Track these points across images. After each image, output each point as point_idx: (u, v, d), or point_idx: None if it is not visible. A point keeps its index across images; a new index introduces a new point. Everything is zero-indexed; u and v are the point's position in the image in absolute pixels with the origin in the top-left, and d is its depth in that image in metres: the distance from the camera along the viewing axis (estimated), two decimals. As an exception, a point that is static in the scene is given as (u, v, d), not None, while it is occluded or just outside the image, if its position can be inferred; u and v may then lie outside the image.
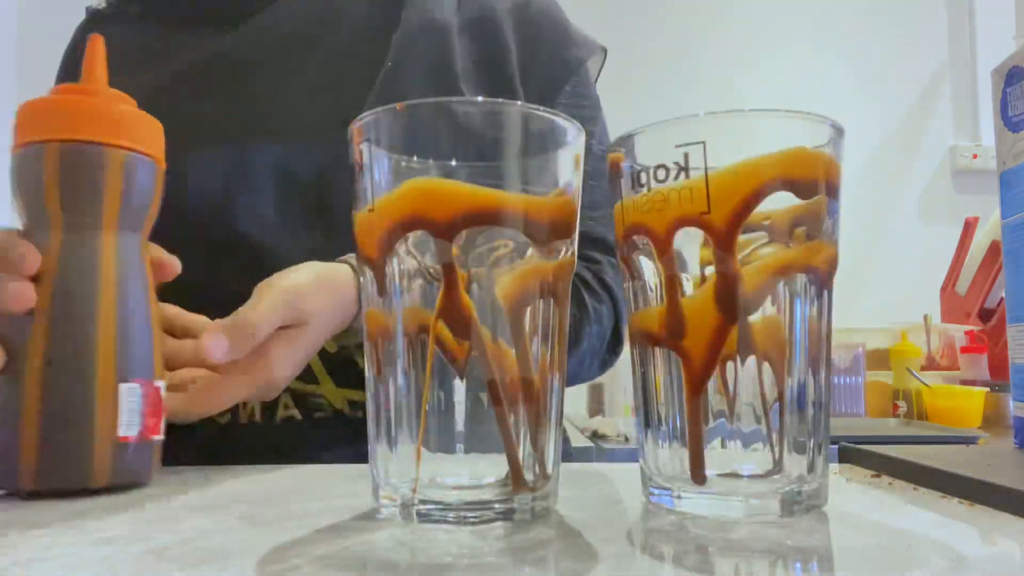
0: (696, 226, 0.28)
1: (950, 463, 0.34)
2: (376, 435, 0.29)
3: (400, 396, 0.29)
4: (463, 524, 0.27)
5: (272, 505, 0.31)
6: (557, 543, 0.25)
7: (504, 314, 0.28)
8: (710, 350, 0.28)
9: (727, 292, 0.28)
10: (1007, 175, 0.44)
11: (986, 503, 0.30)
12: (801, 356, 0.29)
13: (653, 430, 0.31)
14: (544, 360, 0.29)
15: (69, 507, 0.31)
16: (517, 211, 0.28)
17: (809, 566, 0.23)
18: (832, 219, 0.30)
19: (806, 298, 0.29)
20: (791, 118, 0.29)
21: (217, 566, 0.22)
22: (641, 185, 0.30)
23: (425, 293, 0.28)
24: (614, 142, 0.32)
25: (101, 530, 0.27)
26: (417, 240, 0.28)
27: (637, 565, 0.23)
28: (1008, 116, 0.44)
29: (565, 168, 0.30)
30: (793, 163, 0.28)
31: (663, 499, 0.30)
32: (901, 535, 0.27)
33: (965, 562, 0.23)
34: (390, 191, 0.28)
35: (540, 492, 0.29)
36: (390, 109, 0.28)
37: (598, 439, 1.12)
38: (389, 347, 0.29)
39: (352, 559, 0.23)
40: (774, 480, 0.29)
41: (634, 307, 0.32)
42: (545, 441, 0.29)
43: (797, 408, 0.29)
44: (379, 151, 0.29)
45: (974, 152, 2.02)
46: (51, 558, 0.23)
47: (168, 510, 0.31)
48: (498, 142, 0.28)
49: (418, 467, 0.28)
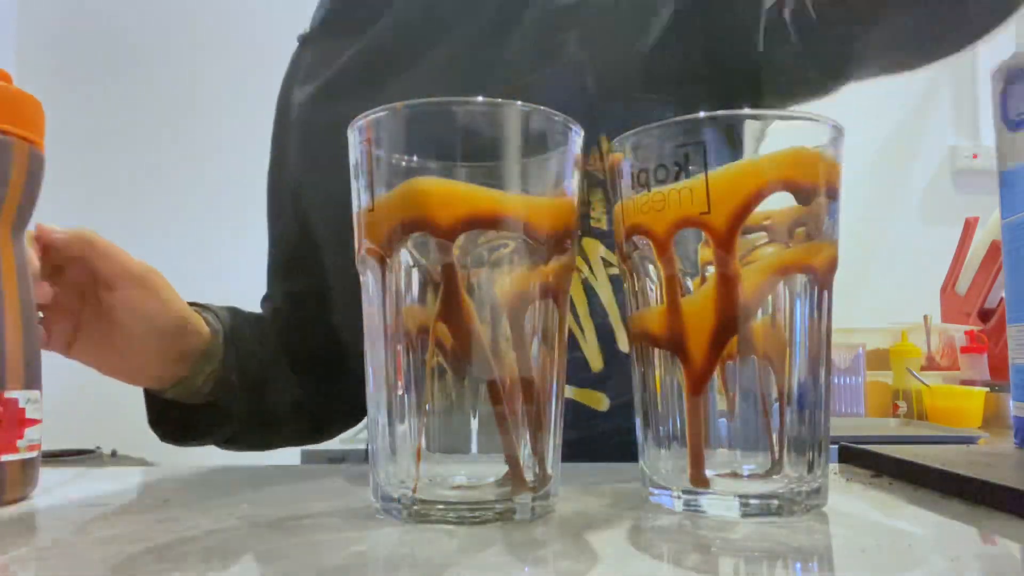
0: (696, 226, 0.28)
1: (950, 463, 0.34)
2: (376, 435, 0.29)
3: (400, 396, 0.29)
4: (463, 524, 0.27)
5: (272, 505, 0.31)
6: (557, 543, 0.25)
7: (504, 314, 0.28)
8: (710, 350, 0.28)
9: (727, 292, 0.28)
10: (1007, 175, 0.43)
11: (986, 503, 0.30)
12: (801, 356, 0.29)
13: (653, 430, 0.31)
14: (544, 360, 0.30)
15: (69, 507, 0.31)
16: (517, 212, 0.28)
17: (809, 566, 0.23)
18: (832, 219, 0.30)
19: (806, 298, 0.29)
20: (791, 118, 0.29)
21: (217, 566, 0.22)
22: (641, 185, 0.30)
23: (425, 293, 0.28)
24: (614, 142, 0.32)
25: (101, 530, 0.27)
26: (417, 240, 0.28)
27: (637, 565, 0.23)
28: (1008, 116, 0.44)
29: (565, 168, 0.30)
30: (793, 163, 0.28)
31: (663, 499, 0.30)
32: (901, 535, 0.27)
33: (965, 562, 0.23)
34: (390, 191, 0.28)
35: (540, 492, 0.29)
36: (390, 109, 0.28)
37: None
38: (389, 347, 0.29)
39: (352, 559, 0.23)
40: (774, 480, 0.29)
41: (634, 307, 0.32)
42: (545, 441, 0.29)
43: (797, 408, 0.29)
44: (379, 151, 0.29)
45: (974, 152, 2.02)
46: (51, 558, 0.23)
47: (168, 510, 0.31)
48: (498, 142, 0.28)
49: (418, 467, 0.28)
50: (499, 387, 0.28)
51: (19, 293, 0.34)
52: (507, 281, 0.29)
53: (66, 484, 0.37)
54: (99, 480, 0.38)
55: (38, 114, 0.36)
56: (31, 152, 0.35)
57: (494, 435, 0.28)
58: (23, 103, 0.35)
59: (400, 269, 0.28)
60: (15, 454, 0.33)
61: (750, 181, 0.28)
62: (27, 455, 0.34)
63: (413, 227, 0.27)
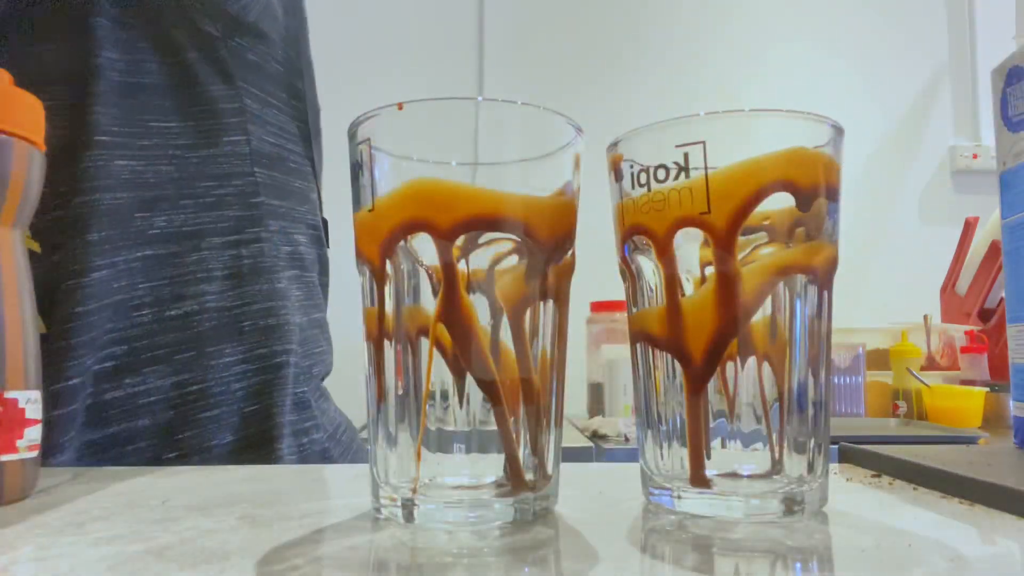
0: (696, 226, 0.28)
1: (950, 463, 0.34)
2: (376, 435, 0.29)
3: (400, 396, 0.29)
4: (463, 524, 0.27)
5: (272, 505, 0.31)
6: (557, 543, 0.25)
7: (504, 315, 0.28)
8: (710, 350, 0.28)
9: (727, 292, 0.28)
10: (1007, 175, 0.44)
11: (986, 503, 0.30)
12: (801, 356, 0.29)
13: (653, 430, 0.31)
14: (544, 360, 0.30)
15: (69, 507, 0.31)
16: (517, 212, 0.28)
17: (809, 566, 0.23)
18: (832, 219, 0.30)
19: (806, 298, 0.29)
20: (791, 118, 0.29)
21: (217, 566, 0.22)
22: (641, 185, 0.30)
23: (425, 293, 0.28)
24: (614, 142, 0.32)
25: (101, 530, 0.27)
26: (417, 240, 0.28)
27: (637, 565, 0.23)
28: (1008, 116, 0.44)
29: (565, 168, 0.30)
30: (793, 163, 0.28)
31: (663, 499, 0.30)
32: (901, 535, 0.27)
33: (965, 562, 0.23)
34: (390, 191, 0.28)
35: (540, 492, 0.29)
36: (390, 109, 0.28)
37: (598, 439, 1.12)
38: (389, 347, 0.29)
39: (352, 559, 0.23)
40: (774, 480, 0.29)
41: (634, 307, 0.32)
42: (545, 441, 0.29)
43: (797, 408, 0.29)
44: (379, 151, 0.29)
45: (974, 152, 2.01)
46: (51, 558, 0.23)
47: (168, 510, 0.31)
48: (498, 142, 0.28)
49: (418, 467, 0.28)
50: (499, 387, 0.28)
51: (19, 293, 0.34)
52: (507, 281, 0.29)
53: (66, 484, 0.37)
54: (99, 480, 0.38)
55: (38, 114, 0.36)
56: (31, 152, 0.35)
57: (494, 435, 0.28)
58: (23, 103, 0.35)
59: (400, 269, 0.28)
60: (15, 454, 0.33)
61: (750, 181, 0.28)
62: (27, 455, 0.34)
63: (413, 227, 0.27)
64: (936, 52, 2.06)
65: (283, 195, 0.58)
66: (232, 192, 0.55)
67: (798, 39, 2.01)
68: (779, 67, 1.99)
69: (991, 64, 0.46)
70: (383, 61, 1.85)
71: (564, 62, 1.91)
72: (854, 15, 2.03)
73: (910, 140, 2.04)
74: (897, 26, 2.04)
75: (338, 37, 1.81)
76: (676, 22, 1.99)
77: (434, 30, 1.90)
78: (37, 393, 0.35)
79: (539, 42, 1.92)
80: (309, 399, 0.57)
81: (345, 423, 0.63)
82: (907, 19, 2.05)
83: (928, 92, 2.05)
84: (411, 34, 1.88)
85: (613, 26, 1.95)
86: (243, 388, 0.53)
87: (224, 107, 0.55)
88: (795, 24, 2.02)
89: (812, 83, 1.98)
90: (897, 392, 1.39)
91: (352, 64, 1.80)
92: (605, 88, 1.89)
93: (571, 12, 1.95)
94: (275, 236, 0.57)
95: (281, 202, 0.58)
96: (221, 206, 0.54)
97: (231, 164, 0.55)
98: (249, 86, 0.56)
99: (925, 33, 2.06)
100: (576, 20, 1.95)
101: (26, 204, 0.35)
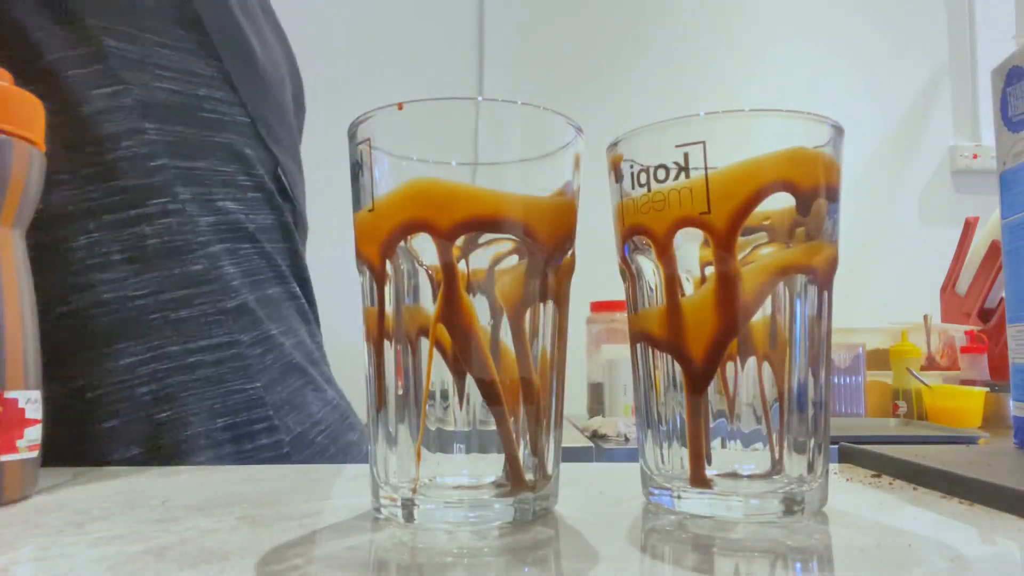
0: (696, 226, 0.28)
1: (950, 463, 0.34)
2: (376, 435, 0.29)
3: (400, 396, 0.29)
4: (463, 524, 0.27)
5: (272, 505, 0.31)
6: (557, 543, 0.25)
7: (504, 315, 0.28)
8: (710, 350, 0.28)
9: (727, 292, 0.28)
10: (1007, 175, 0.44)
11: (986, 503, 0.30)
12: (801, 356, 0.29)
13: (653, 430, 0.31)
14: (544, 360, 0.30)
15: (69, 507, 0.31)
16: (517, 212, 0.28)
17: (809, 566, 0.23)
18: (832, 219, 0.30)
19: (806, 298, 0.29)
20: (791, 118, 0.29)
21: (217, 566, 0.22)
22: (641, 185, 0.30)
23: (425, 293, 0.28)
24: (614, 142, 0.32)
25: (101, 530, 0.27)
26: (417, 240, 0.28)
27: (637, 565, 0.23)
28: (1008, 116, 0.44)
29: (565, 168, 0.30)
30: (793, 163, 0.28)
31: (663, 499, 0.30)
32: (901, 535, 0.27)
33: (965, 562, 0.23)
34: (390, 192, 0.28)
35: (540, 492, 0.29)
36: (390, 109, 0.28)
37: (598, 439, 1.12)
38: (389, 347, 0.29)
39: (352, 559, 0.23)
40: (774, 480, 0.29)
41: (634, 307, 0.32)
42: (545, 441, 0.29)
43: (797, 408, 0.29)
44: (379, 151, 0.29)
45: (974, 152, 2.02)
46: (51, 558, 0.23)
47: (168, 510, 0.31)
48: (498, 142, 0.28)
49: (418, 467, 0.28)
50: (499, 387, 0.28)
51: (19, 293, 0.34)
52: (507, 282, 0.29)
53: (66, 484, 0.37)
54: (99, 480, 0.38)
55: (38, 114, 0.36)
56: (31, 152, 0.35)
57: (494, 435, 0.28)
58: (23, 103, 0.35)
59: (400, 270, 0.28)
60: (15, 454, 0.33)
61: (750, 181, 0.28)
62: (27, 455, 0.34)
63: (413, 228, 0.27)
64: (936, 52, 2.06)
65: (196, 154, 0.49)
66: (122, 156, 0.46)
67: (798, 39, 2.01)
68: (779, 67, 1.99)
69: (991, 64, 0.46)
70: (383, 61, 1.85)
71: (564, 62, 1.90)
72: (854, 15, 2.03)
73: (910, 140, 2.04)
74: (897, 26, 2.04)
75: (338, 37, 1.81)
76: (676, 22, 1.99)
77: (434, 30, 1.90)
78: (37, 393, 0.35)
79: (539, 42, 1.92)
80: (262, 395, 0.50)
81: (332, 419, 0.57)
82: (907, 19, 2.05)
83: (928, 92, 2.05)
84: (411, 34, 1.88)
85: (613, 26, 1.95)
86: (150, 393, 0.46)
87: (70, 54, 0.45)
88: (795, 24, 2.02)
89: (812, 83, 1.98)
90: (897, 392, 1.39)
91: (352, 64, 1.80)
92: (605, 88, 1.89)
93: (571, 12, 1.95)
94: (188, 206, 0.47)
95: (193, 163, 0.48)
96: (109, 176, 0.45)
97: (112, 122, 0.45)
98: (111, 24, 0.46)
99: (925, 33, 2.06)
100: (576, 20, 1.95)
101: (26, 204, 0.35)
